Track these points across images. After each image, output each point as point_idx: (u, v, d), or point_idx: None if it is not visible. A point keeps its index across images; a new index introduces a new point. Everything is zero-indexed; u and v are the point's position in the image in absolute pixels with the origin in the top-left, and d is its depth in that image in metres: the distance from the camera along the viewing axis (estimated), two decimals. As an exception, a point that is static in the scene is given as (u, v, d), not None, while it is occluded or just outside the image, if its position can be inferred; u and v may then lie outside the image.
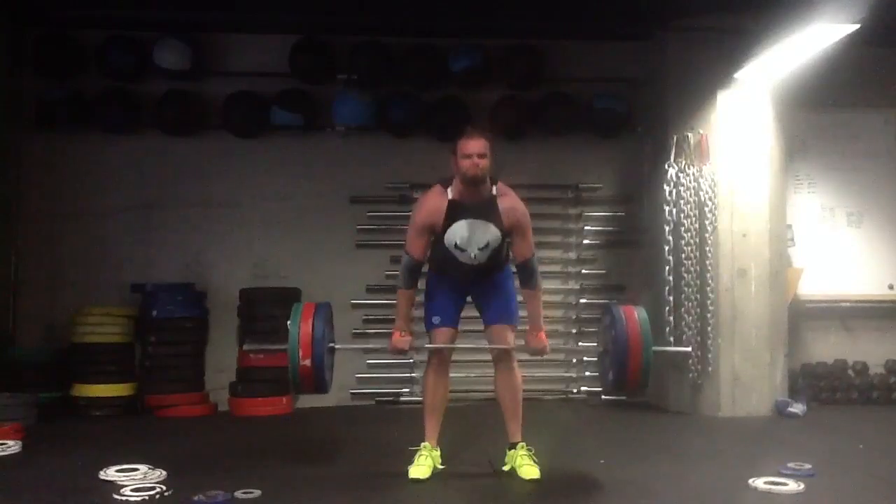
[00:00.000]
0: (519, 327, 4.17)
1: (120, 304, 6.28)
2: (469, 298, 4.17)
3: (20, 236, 6.41)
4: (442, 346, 4.06)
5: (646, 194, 6.61)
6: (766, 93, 6.03)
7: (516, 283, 4.14)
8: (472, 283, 4.09)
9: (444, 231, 3.90)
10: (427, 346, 4.13)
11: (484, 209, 3.89)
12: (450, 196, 3.90)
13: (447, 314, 4.06)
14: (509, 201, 3.93)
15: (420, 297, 4.21)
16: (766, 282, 5.97)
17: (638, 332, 3.81)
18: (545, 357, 6.40)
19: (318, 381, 3.89)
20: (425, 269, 4.15)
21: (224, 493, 3.57)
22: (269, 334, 6.20)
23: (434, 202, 3.92)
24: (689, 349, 5.67)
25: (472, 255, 3.93)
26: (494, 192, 3.92)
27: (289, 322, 3.86)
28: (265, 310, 6.26)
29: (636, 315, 3.87)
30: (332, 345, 4.04)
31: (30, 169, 6.47)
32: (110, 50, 6.38)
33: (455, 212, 3.88)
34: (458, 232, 3.89)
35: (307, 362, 3.81)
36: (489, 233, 3.90)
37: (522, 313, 4.17)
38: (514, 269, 4.11)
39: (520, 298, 4.16)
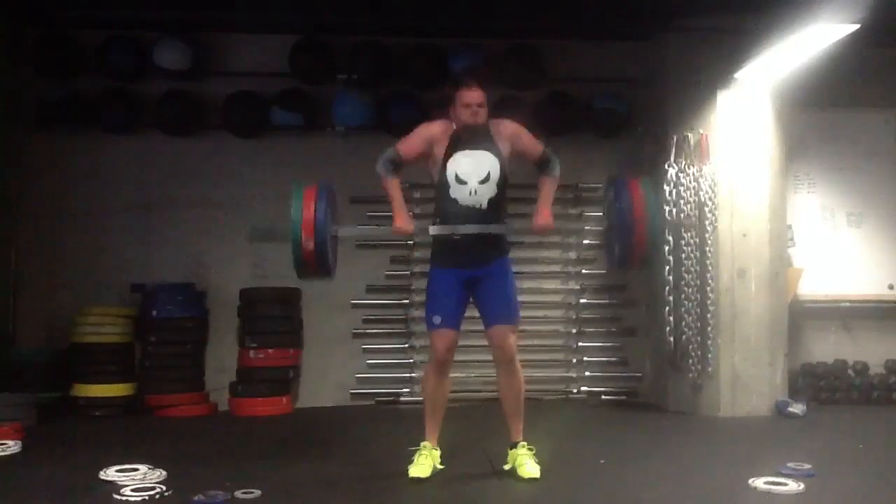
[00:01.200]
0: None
1: (120, 304, 6.29)
2: (471, 298, 4.15)
3: (20, 236, 6.42)
4: (442, 354, 4.05)
5: (646, 194, 6.61)
6: (766, 93, 6.03)
7: (517, 283, 4.15)
8: (473, 256, 4.01)
9: (445, 161, 3.97)
10: (429, 357, 4.13)
11: (482, 140, 4.01)
12: (454, 128, 4.04)
13: (449, 315, 4.03)
14: (499, 124, 4.09)
15: (420, 297, 4.21)
16: (766, 282, 5.97)
17: (643, 203, 3.90)
18: (546, 358, 6.55)
19: (321, 261, 3.91)
20: (425, 269, 4.15)
21: (224, 493, 3.57)
22: (270, 334, 6.23)
23: (441, 124, 4.07)
24: (693, 217, 5.61)
25: (473, 189, 3.96)
26: (489, 126, 4.06)
27: (290, 204, 3.88)
28: (265, 310, 6.27)
29: (640, 187, 3.96)
30: (335, 228, 4.08)
31: (30, 169, 6.47)
32: (110, 50, 6.38)
33: (456, 143, 4.00)
34: (459, 161, 3.97)
35: (310, 244, 3.83)
36: (488, 162, 3.98)
37: (522, 313, 4.17)
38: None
39: (520, 299, 4.16)
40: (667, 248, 6.05)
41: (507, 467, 4.06)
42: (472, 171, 3.96)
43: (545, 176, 4.17)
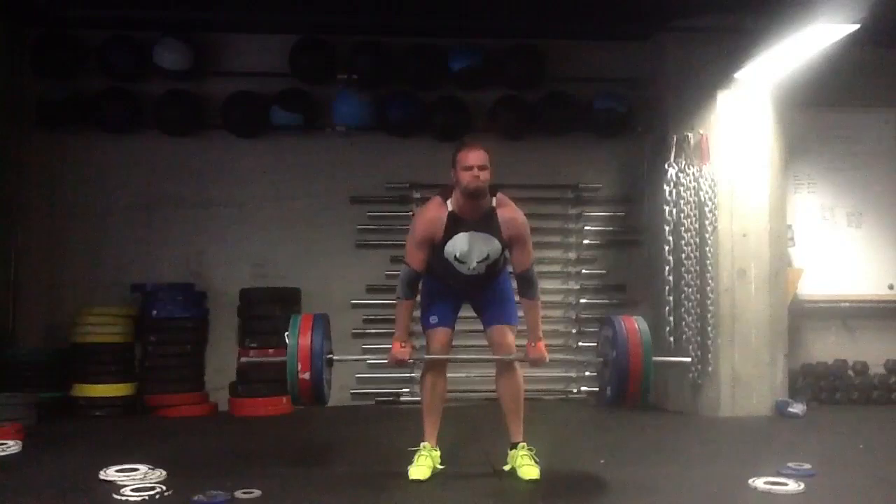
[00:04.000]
0: (519, 328, 4.16)
1: (120, 304, 6.29)
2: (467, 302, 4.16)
3: (20, 236, 6.42)
4: (441, 356, 4.06)
5: (646, 194, 6.62)
6: (766, 93, 6.03)
7: (514, 284, 4.15)
8: (470, 289, 4.08)
9: (444, 244, 3.89)
10: (425, 356, 4.12)
11: (483, 222, 3.88)
12: (449, 208, 3.88)
13: (444, 314, 4.06)
14: (509, 212, 3.91)
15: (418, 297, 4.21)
16: (766, 282, 5.97)
17: (639, 344, 3.80)
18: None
19: (317, 393, 3.91)
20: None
21: (224, 493, 3.57)
22: (270, 334, 6.22)
23: (434, 214, 3.90)
24: (689, 359, 5.62)
25: (472, 267, 3.94)
26: (494, 203, 3.90)
27: (286, 334, 3.86)
28: (265, 310, 6.26)
29: (636, 327, 3.87)
30: (330, 356, 4.04)
31: (30, 169, 6.47)
32: (110, 50, 6.38)
33: (455, 224, 3.87)
34: (458, 245, 3.89)
35: (306, 376, 3.81)
36: (489, 245, 3.90)
37: (521, 313, 4.17)
38: (513, 281, 4.09)
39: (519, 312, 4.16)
40: (667, 248, 6.05)
41: (507, 468, 4.06)
42: (472, 253, 3.90)
43: (528, 300, 4.00)
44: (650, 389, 3.89)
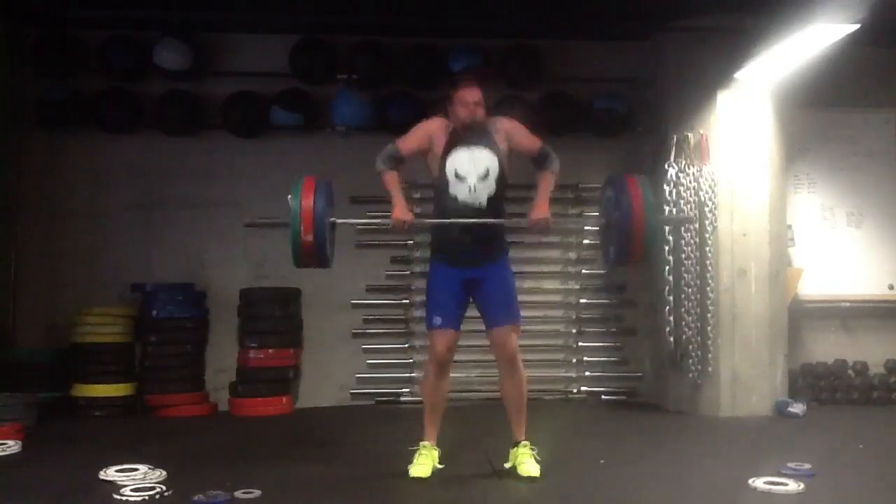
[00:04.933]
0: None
1: (120, 304, 6.29)
2: (471, 299, 4.15)
3: (20, 236, 6.42)
4: (442, 355, 4.04)
5: (646, 194, 6.60)
6: (766, 93, 6.03)
7: (517, 283, 4.15)
8: (473, 254, 4.02)
9: (445, 157, 3.98)
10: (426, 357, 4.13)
11: (480, 137, 4.03)
12: (453, 126, 4.06)
13: (449, 314, 4.02)
14: (496, 121, 4.11)
15: (420, 297, 4.21)
16: (766, 282, 5.97)
17: (641, 200, 3.89)
18: (546, 358, 6.55)
19: (319, 255, 3.94)
20: (426, 269, 4.15)
21: (224, 493, 3.57)
22: (270, 334, 6.23)
23: (439, 120, 4.10)
24: (692, 215, 5.58)
25: (472, 185, 3.96)
26: (487, 124, 4.08)
27: (289, 197, 3.90)
28: (265, 310, 6.27)
29: (638, 185, 3.96)
30: (332, 219, 4.08)
31: (30, 169, 6.47)
32: (110, 50, 6.38)
33: (454, 138, 4.02)
34: (458, 158, 3.98)
35: (309, 237, 3.84)
36: (487, 159, 3.99)
37: (522, 313, 4.17)
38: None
39: (520, 299, 4.16)
40: (667, 248, 6.05)
41: (507, 465, 4.06)
42: (472, 168, 3.97)
43: (543, 170, 4.14)
44: (654, 245, 3.96)
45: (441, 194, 4.06)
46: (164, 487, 3.70)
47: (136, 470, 3.94)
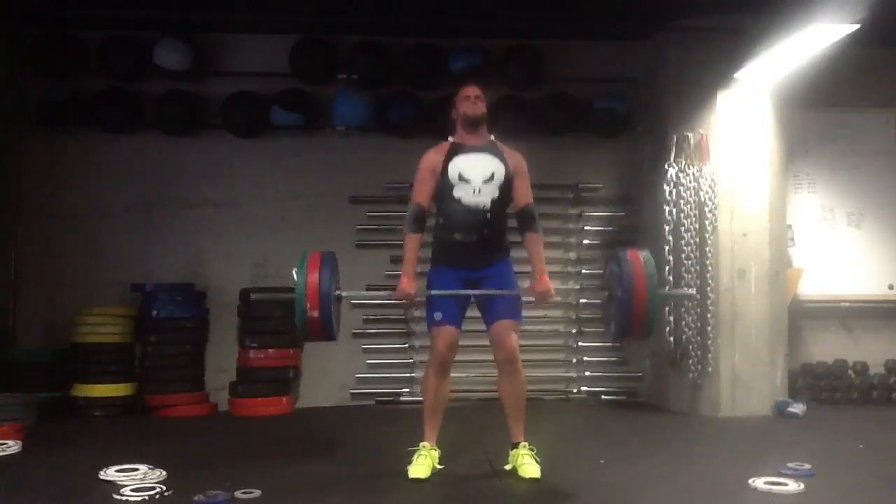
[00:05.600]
0: (524, 269, 4.17)
1: (120, 304, 6.29)
2: (472, 299, 4.14)
3: (20, 236, 6.42)
4: (443, 354, 4.04)
5: (646, 194, 6.61)
6: (766, 93, 6.03)
7: (521, 282, 4.15)
8: (475, 259, 4.02)
9: (447, 168, 4.00)
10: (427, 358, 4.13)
11: (487, 147, 4.07)
12: (451, 141, 4.11)
13: (450, 311, 4.00)
14: (508, 149, 4.12)
15: (420, 297, 4.20)
16: (766, 282, 5.97)
17: (643, 275, 3.85)
18: (546, 358, 6.55)
19: (326, 331, 3.91)
20: (425, 269, 4.15)
21: (224, 493, 3.57)
22: (269, 334, 6.23)
23: (435, 150, 4.11)
24: (693, 291, 5.60)
25: (477, 187, 3.96)
26: (493, 138, 4.13)
27: (294, 271, 3.87)
28: (265, 310, 6.27)
29: (641, 259, 3.93)
30: (338, 293, 4.04)
31: (30, 169, 6.47)
32: (110, 50, 6.38)
33: (456, 150, 4.05)
34: (461, 163, 4.01)
35: (315, 314, 3.81)
36: (493, 164, 4.02)
37: (524, 313, 4.16)
38: (513, 248, 4.15)
39: (522, 298, 4.16)
40: (667, 248, 6.05)
41: (507, 467, 4.06)
42: (477, 170, 3.99)
43: (531, 233, 4.07)
44: (656, 321, 3.94)
45: (444, 197, 4.03)
46: (164, 487, 3.70)
47: (135, 470, 3.94)
